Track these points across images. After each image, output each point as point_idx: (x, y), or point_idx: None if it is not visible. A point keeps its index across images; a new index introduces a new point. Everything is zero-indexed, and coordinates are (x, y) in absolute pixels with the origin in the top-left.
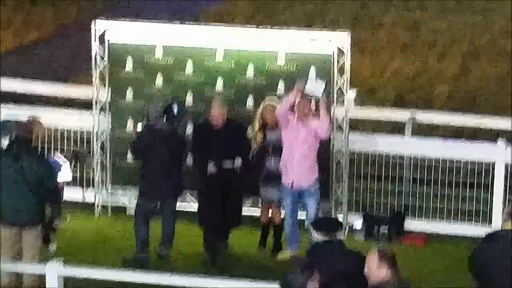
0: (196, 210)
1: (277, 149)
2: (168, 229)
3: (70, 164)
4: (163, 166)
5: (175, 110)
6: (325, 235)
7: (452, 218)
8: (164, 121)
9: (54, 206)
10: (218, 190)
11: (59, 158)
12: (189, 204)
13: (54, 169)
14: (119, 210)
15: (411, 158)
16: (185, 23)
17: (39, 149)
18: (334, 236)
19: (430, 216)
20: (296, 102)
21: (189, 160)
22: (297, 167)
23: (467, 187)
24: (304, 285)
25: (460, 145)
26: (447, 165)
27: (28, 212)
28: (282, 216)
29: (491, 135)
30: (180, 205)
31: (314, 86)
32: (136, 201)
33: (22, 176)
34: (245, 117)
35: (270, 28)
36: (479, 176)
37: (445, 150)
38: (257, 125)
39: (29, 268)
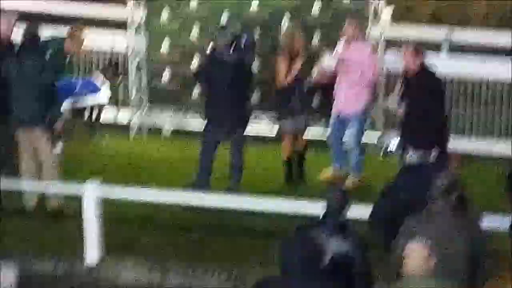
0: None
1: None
2: (238, 161)
3: (105, 71)
4: (227, 95)
5: (244, 42)
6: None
7: (489, 136)
8: (231, 51)
9: (53, 107)
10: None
11: (97, 78)
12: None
13: (52, 67)
14: (154, 132)
15: (448, 77)
16: None
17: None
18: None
19: (467, 135)
20: (344, 28)
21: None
22: (343, 94)
23: (503, 104)
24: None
25: (497, 62)
26: (484, 83)
27: (32, 111)
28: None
29: None
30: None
31: None
32: (203, 128)
33: (23, 76)
34: None
35: None
36: None
37: (481, 68)
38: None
39: (66, 189)
